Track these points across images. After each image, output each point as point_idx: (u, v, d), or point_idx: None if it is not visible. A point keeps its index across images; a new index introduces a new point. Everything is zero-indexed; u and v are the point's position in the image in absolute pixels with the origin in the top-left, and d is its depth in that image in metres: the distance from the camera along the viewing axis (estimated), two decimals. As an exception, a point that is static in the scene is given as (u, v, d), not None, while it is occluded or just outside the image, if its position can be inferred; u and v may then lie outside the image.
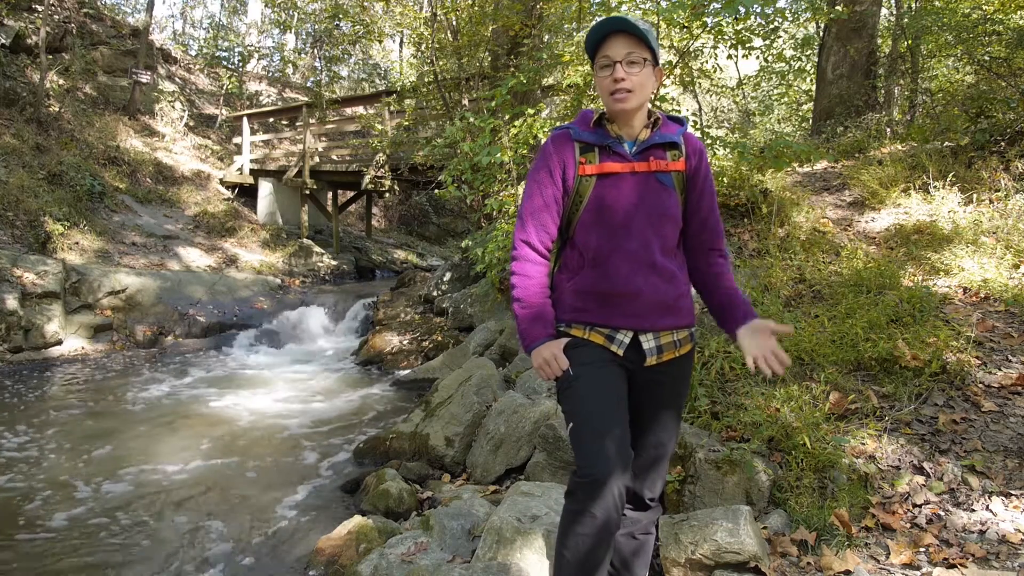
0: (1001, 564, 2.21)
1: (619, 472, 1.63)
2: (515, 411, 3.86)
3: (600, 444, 1.65)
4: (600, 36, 1.72)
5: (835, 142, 7.84)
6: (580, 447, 1.69)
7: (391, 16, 10.78)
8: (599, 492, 1.61)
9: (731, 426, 3.05)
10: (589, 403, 1.71)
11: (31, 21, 12.65)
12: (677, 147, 1.79)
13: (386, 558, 2.64)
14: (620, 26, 1.69)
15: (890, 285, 3.97)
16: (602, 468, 1.62)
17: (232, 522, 3.52)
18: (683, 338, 1.81)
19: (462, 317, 7.16)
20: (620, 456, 1.65)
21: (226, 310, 8.83)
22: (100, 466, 4.26)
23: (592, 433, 1.68)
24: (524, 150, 5.70)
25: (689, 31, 5.58)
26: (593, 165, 1.75)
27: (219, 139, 15.71)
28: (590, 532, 1.63)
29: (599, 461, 1.63)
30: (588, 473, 1.64)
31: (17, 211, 8.87)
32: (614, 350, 1.76)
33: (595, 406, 1.70)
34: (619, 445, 1.66)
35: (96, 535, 3.36)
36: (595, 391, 1.72)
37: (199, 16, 27.32)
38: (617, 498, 1.62)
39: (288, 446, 4.70)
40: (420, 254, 15.30)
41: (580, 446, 1.69)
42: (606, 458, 1.63)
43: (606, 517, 1.62)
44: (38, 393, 5.94)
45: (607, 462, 1.63)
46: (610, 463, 1.62)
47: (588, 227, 1.76)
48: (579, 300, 1.79)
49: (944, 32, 7.23)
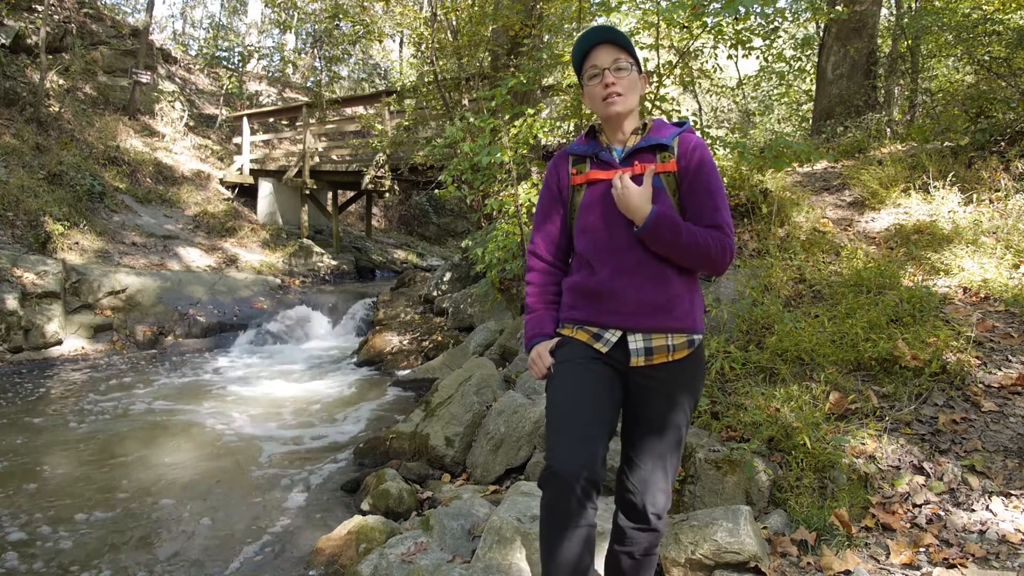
0: (1001, 564, 2.21)
1: (580, 465, 1.63)
2: (515, 411, 3.86)
3: (560, 437, 1.68)
4: (586, 48, 1.81)
5: (835, 142, 7.84)
6: (547, 441, 1.73)
7: (391, 16, 10.78)
8: (559, 485, 1.64)
9: (731, 426, 3.05)
10: (560, 398, 1.75)
11: (31, 21, 12.65)
12: (667, 149, 1.80)
13: (386, 558, 2.64)
14: (604, 36, 1.79)
15: (890, 285, 3.97)
16: (556, 459, 1.65)
17: (232, 522, 3.52)
18: (679, 343, 1.76)
19: (462, 317, 7.17)
20: (579, 447, 1.65)
21: (226, 310, 8.84)
22: (99, 466, 4.26)
23: (558, 427, 1.70)
24: (524, 150, 5.69)
25: (689, 31, 5.58)
26: (582, 175, 1.86)
27: (219, 139, 15.71)
28: (557, 526, 1.66)
29: (555, 453, 1.66)
30: (549, 466, 1.66)
31: (17, 211, 8.88)
32: (599, 348, 1.77)
33: (565, 401, 1.73)
34: (582, 439, 1.66)
35: (95, 535, 3.36)
36: (567, 386, 1.75)
37: (199, 16, 27.36)
38: (581, 492, 1.62)
39: (288, 446, 4.70)
40: (420, 254, 15.31)
41: (547, 440, 1.73)
42: (561, 449, 1.65)
43: (570, 511, 1.63)
44: (38, 393, 5.94)
45: (561, 454, 1.65)
46: (569, 456, 1.64)
47: (580, 232, 1.84)
48: (571, 298, 1.85)
49: (944, 32, 7.23)
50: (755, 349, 3.62)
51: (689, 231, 1.70)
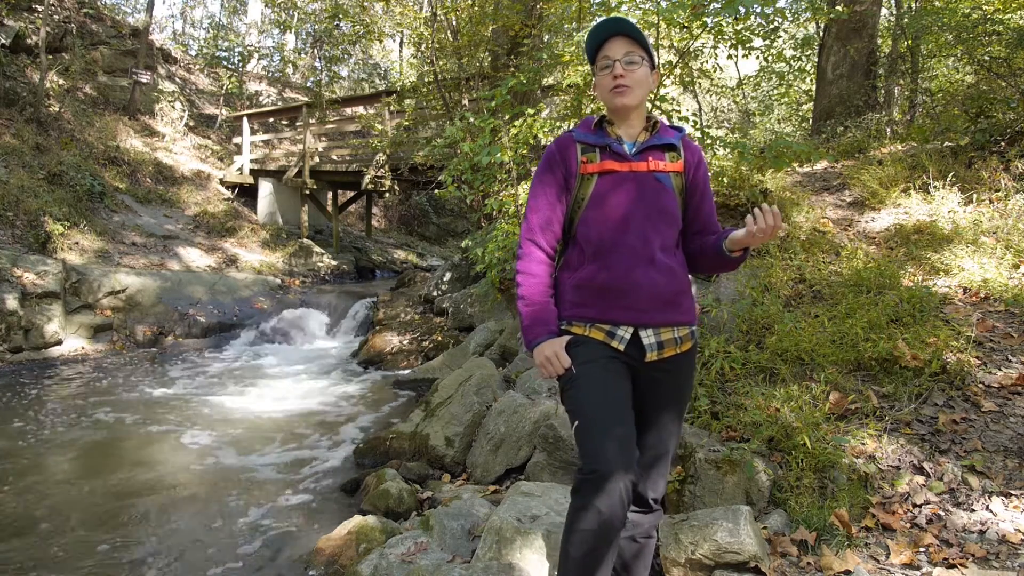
0: (1001, 564, 2.21)
1: (623, 468, 1.64)
2: (515, 411, 3.86)
3: (603, 440, 1.67)
4: (601, 39, 1.83)
5: (835, 142, 7.84)
6: (584, 444, 1.71)
7: (391, 16, 10.79)
8: (603, 488, 1.62)
9: (731, 426, 3.05)
10: (593, 400, 1.73)
11: (31, 21, 12.65)
12: (675, 149, 1.87)
13: (386, 558, 2.64)
14: (619, 29, 1.81)
15: (890, 285, 3.97)
16: (605, 464, 1.63)
17: (232, 522, 3.52)
18: (684, 335, 1.84)
19: (462, 317, 7.16)
20: (624, 452, 1.66)
21: (226, 310, 8.84)
22: (99, 466, 4.27)
23: (596, 430, 1.69)
24: (524, 150, 5.70)
25: (689, 31, 5.58)
26: (594, 164, 1.83)
27: (219, 139, 15.71)
28: (594, 528, 1.64)
29: (602, 457, 1.65)
30: (593, 469, 1.65)
31: (17, 211, 8.87)
32: (615, 346, 1.78)
33: (599, 403, 1.73)
34: (623, 442, 1.67)
35: (95, 535, 3.36)
36: (598, 388, 1.74)
37: (199, 16, 27.36)
38: (622, 494, 1.63)
39: (288, 446, 4.70)
40: (420, 254, 15.31)
41: (584, 443, 1.71)
42: (609, 454, 1.65)
43: (610, 513, 1.62)
44: (38, 393, 5.94)
45: (610, 458, 1.64)
46: (613, 459, 1.64)
47: (589, 223, 1.82)
48: (579, 295, 1.83)
49: (944, 32, 7.23)
50: (755, 349, 3.62)
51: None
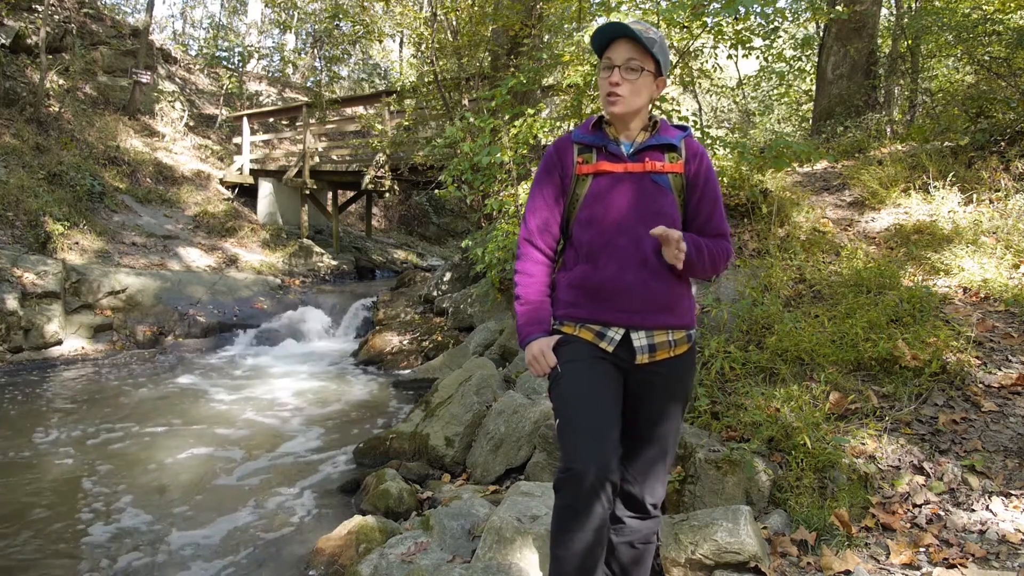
0: (1001, 564, 2.20)
1: (601, 466, 1.62)
2: (515, 411, 3.86)
3: (581, 439, 1.66)
4: (606, 40, 1.78)
5: (835, 142, 7.84)
6: (563, 442, 1.71)
7: (391, 16, 10.79)
8: (580, 486, 1.61)
9: (731, 426, 3.05)
10: (573, 399, 1.73)
11: (31, 21, 12.65)
12: (675, 150, 1.82)
13: (386, 558, 2.64)
14: (624, 32, 1.75)
15: (890, 285, 3.97)
16: (581, 462, 1.62)
17: (232, 522, 3.52)
18: (679, 339, 1.80)
19: (462, 317, 7.16)
20: (602, 451, 1.64)
21: (226, 310, 8.83)
22: (99, 466, 4.26)
23: (574, 428, 1.69)
24: (524, 150, 5.70)
25: (689, 31, 5.58)
26: (589, 165, 1.81)
27: (219, 139, 15.70)
28: (577, 528, 1.64)
29: (578, 455, 1.64)
30: (569, 468, 1.64)
31: (17, 211, 8.87)
32: (604, 347, 1.77)
33: (579, 402, 1.72)
34: (601, 440, 1.66)
35: (95, 534, 3.36)
36: (581, 387, 1.73)
37: (199, 16, 27.38)
38: (601, 492, 1.61)
39: (288, 446, 4.70)
40: (420, 254, 15.30)
41: (563, 441, 1.71)
42: (585, 452, 1.64)
43: (590, 511, 1.61)
44: (38, 393, 5.94)
45: (586, 456, 1.63)
46: (589, 456, 1.62)
47: (583, 224, 1.81)
48: (571, 294, 1.82)
49: (944, 32, 7.22)
50: (755, 349, 3.62)
51: (709, 250, 1.78)
